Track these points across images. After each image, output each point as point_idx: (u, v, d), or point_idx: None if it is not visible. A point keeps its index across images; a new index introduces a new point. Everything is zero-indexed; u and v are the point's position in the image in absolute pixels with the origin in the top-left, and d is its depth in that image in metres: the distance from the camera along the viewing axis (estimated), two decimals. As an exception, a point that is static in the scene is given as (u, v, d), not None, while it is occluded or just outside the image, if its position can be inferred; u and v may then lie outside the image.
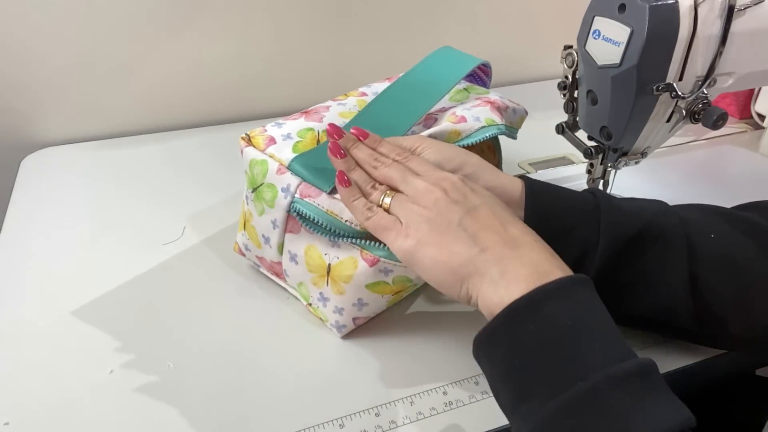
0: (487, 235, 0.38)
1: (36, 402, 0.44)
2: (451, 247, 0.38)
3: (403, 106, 0.53)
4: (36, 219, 0.65)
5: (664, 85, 0.48)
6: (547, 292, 0.34)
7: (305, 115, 0.53)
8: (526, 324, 0.34)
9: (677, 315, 0.44)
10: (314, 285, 0.49)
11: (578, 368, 0.32)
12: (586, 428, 0.30)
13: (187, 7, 0.78)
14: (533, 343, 0.33)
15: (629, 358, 0.32)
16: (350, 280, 0.46)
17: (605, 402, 0.30)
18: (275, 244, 0.50)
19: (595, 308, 0.35)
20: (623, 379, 0.31)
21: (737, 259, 0.43)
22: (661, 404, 0.31)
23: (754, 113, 0.84)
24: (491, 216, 0.39)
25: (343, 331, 0.50)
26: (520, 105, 0.58)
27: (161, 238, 0.62)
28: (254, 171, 0.49)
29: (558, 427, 0.31)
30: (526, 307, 0.34)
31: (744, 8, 0.48)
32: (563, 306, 0.34)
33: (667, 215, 0.44)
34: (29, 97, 0.78)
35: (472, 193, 0.40)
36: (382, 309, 0.51)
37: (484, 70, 0.62)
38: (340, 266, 0.47)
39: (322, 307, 0.50)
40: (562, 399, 0.31)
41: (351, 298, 0.47)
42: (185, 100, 0.85)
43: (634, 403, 0.30)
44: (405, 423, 0.43)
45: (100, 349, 0.49)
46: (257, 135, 0.50)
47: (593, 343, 0.33)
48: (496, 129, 0.53)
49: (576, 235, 0.43)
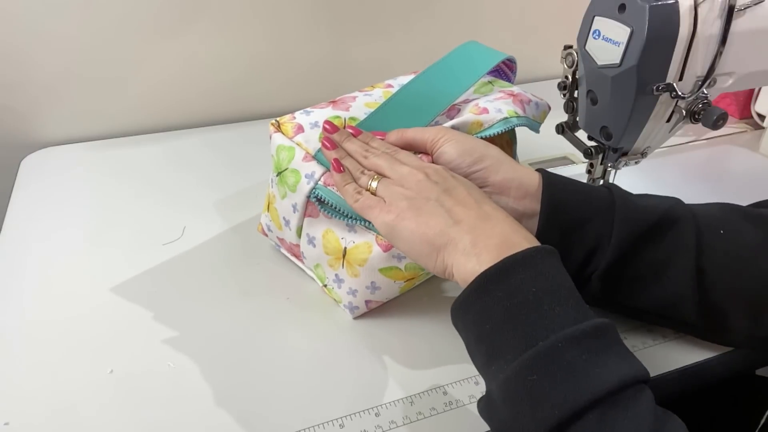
0: (461, 210, 0.41)
1: (36, 402, 0.44)
2: (427, 220, 0.41)
3: (427, 98, 0.54)
4: (36, 219, 0.65)
5: (664, 85, 0.48)
6: (514, 262, 0.37)
7: (333, 104, 0.54)
8: (495, 292, 0.36)
9: (683, 309, 0.45)
10: (330, 267, 0.51)
11: (539, 331, 0.34)
12: (545, 383, 0.33)
13: (186, 7, 0.78)
14: (501, 309, 0.36)
15: (587, 320, 0.35)
16: (365, 263, 0.48)
17: (562, 359, 0.33)
18: (294, 227, 0.52)
19: (557, 276, 0.37)
20: (579, 338, 0.34)
21: (745, 256, 0.44)
22: (615, 360, 0.34)
23: (754, 113, 0.84)
24: (467, 195, 0.42)
25: (355, 312, 0.52)
26: (543, 99, 0.58)
27: (161, 238, 0.62)
28: (280, 156, 0.51)
29: (520, 383, 0.34)
30: (495, 276, 0.37)
31: (744, 8, 0.48)
32: (528, 275, 0.36)
33: (680, 211, 0.45)
34: (29, 97, 0.78)
35: (452, 178, 0.44)
36: (395, 295, 0.53)
37: (509, 65, 0.63)
38: (355, 250, 0.49)
39: (337, 288, 0.52)
40: (524, 358, 0.34)
41: (365, 281, 0.49)
42: (185, 100, 0.85)
43: (589, 359, 0.33)
44: (405, 423, 0.43)
45: (100, 349, 0.49)
46: (286, 122, 0.52)
47: (554, 307, 0.35)
48: (518, 121, 0.53)
49: (590, 228, 0.45)
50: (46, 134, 0.81)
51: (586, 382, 0.32)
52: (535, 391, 0.33)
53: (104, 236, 0.63)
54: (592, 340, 0.34)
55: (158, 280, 0.57)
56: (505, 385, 0.35)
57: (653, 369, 0.47)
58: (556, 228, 0.44)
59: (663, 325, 0.49)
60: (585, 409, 0.31)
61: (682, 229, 0.45)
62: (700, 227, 0.45)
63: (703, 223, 0.45)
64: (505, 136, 0.60)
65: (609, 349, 0.34)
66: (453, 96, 0.54)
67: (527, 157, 0.76)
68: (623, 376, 0.33)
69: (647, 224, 0.44)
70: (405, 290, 0.53)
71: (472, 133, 0.51)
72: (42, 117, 0.80)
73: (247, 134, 0.84)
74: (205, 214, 0.66)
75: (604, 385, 0.32)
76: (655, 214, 0.45)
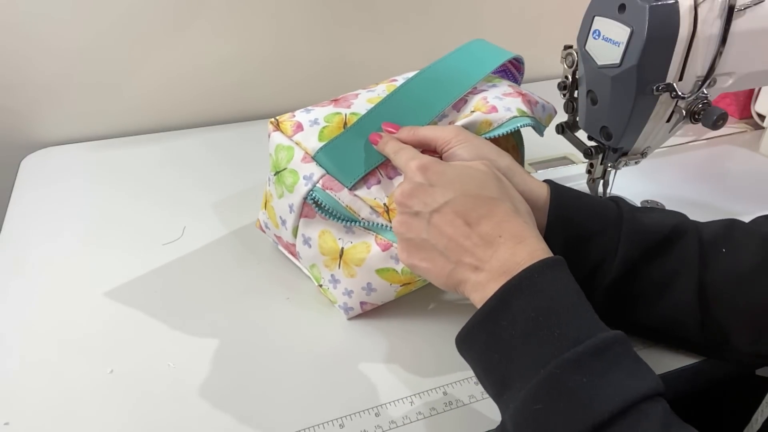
0: (454, 248, 0.39)
1: (36, 402, 0.44)
2: (433, 262, 0.41)
3: (433, 92, 0.53)
4: (36, 219, 0.65)
5: (664, 85, 0.48)
6: (512, 288, 0.36)
7: (334, 102, 0.54)
8: (500, 321, 0.36)
9: (685, 326, 0.45)
10: (326, 267, 0.51)
11: (541, 357, 0.34)
12: (550, 411, 0.33)
13: (186, 7, 0.78)
14: (506, 338, 0.36)
15: (589, 338, 0.34)
16: (362, 263, 0.48)
17: (563, 385, 0.33)
18: (290, 227, 0.51)
19: (558, 293, 0.36)
20: (578, 361, 0.33)
21: (746, 274, 0.44)
22: (620, 377, 0.33)
23: (754, 113, 0.83)
24: (454, 219, 0.39)
25: (350, 313, 0.52)
26: (549, 103, 0.57)
27: (161, 238, 0.62)
28: (279, 155, 0.51)
29: (527, 413, 0.34)
30: (497, 306, 0.37)
31: (744, 8, 0.48)
32: (526, 299, 0.36)
33: (685, 229, 0.45)
34: (29, 97, 0.78)
35: (432, 191, 0.41)
36: (390, 299, 0.52)
37: (516, 66, 0.61)
38: (353, 250, 0.49)
39: (333, 288, 0.51)
40: (528, 387, 0.34)
41: (361, 282, 0.49)
42: (185, 100, 0.85)
43: (590, 381, 0.32)
44: (405, 423, 0.43)
45: (100, 349, 0.49)
46: (285, 120, 0.52)
47: (554, 331, 0.35)
48: (527, 120, 0.51)
49: (595, 243, 0.44)
50: (46, 134, 0.81)
51: (589, 407, 0.31)
52: (540, 420, 0.33)
53: (104, 236, 0.63)
54: (594, 360, 0.33)
55: (158, 280, 0.57)
56: (515, 416, 0.34)
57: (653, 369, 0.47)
58: (561, 243, 0.44)
59: (664, 342, 0.48)
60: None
61: (686, 247, 0.44)
62: (704, 245, 0.45)
63: (707, 241, 0.45)
64: (511, 140, 0.59)
65: (614, 367, 0.33)
66: (460, 91, 0.53)
67: (527, 157, 0.76)
68: (627, 396, 0.32)
69: (653, 242, 0.44)
70: (401, 295, 0.53)
71: (480, 133, 0.50)
72: (42, 117, 0.80)
73: (247, 134, 0.84)
74: (205, 214, 0.66)
75: (607, 407, 0.31)
76: (661, 233, 0.44)
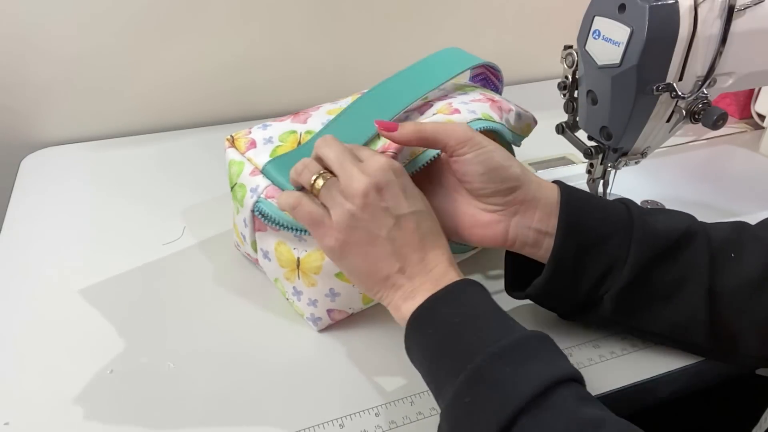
0: (407, 252, 0.41)
1: (36, 402, 0.44)
2: (376, 261, 0.41)
3: (396, 94, 0.52)
4: (36, 219, 0.65)
5: (664, 85, 0.48)
6: (438, 299, 0.39)
7: (294, 116, 0.53)
8: (426, 329, 0.39)
9: (694, 331, 0.45)
10: (287, 280, 0.50)
11: (468, 355, 0.36)
12: (478, 402, 0.34)
13: (185, 7, 0.78)
14: (434, 343, 0.38)
15: (512, 335, 0.37)
16: (320, 270, 0.47)
17: (490, 376, 0.35)
18: (249, 242, 0.51)
19: (480, 303, 0.39)
20: (501, 353, 0.35)
21: (756, 279, 0.43)
22: (540, 365, 0.35)
23: (754, 113, 0.83)
24: (414, 229, 0.41)
25: (319, 324, 0.50)
26: (528, 112, 0.57)
27: (161, 237, 0.62)
28: (231, 171, 0.51)
29: (458, 407, 0.35)
30: (423, 315, 0.39)
31: (744, 8, 0.48)
32: (451, 308, 0.39)
33: (695, 232, 0.45)
34: (29, 97, 0.78)
35: (403, 197, 0.41)
36: (358, 304, 0.50)
37: (495, 74, 0.61)
38: (308, 258, 0.47)
39: (297, 301, 0.50)
40: (457, 383, 0.35)
41: (323, 289, 0.48)
42: (185, 100, 0.85)
43: (513, 370, 0.34)
44: (405, 423, 0.43)
45: (100, 349, 0.49)
46: (241, 137, 0.52)
47: (477, 331, 0.37)
48: (490, 124, 0.50)
49: (606, 248, 0.44)
50: (46, 134, 0.81)
51: (514, 392, 0.33)
52: (471, 411, 0.34)
53: (104, 236, 0.63)
54: (516, 352, 0.35)
55: (158, 279, 0.57)
56: (446, 413, 0.36)
57: (654, 369, 0.47)
58: (573, 248, 0.43)
59: (673, 347, 0.48)
60: (516, 416, 0.32)
61: (695, 252, 0.44)
62: (714, 250, 0.44)
63: (716, 246, 0.44)
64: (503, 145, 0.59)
65: (534, 358, 0.36)
66: (420, 93, 0.52)
67: (527, 157, 0.76)
68: (546, 379, 0.34)
69: (663, 248, 0.44)
70: (370, 302, 0.51)
71: None
72: (42, 117, 0.80)
73: (247, 134, 0.84)
74: (205, 213, 0.66)
75: (529, 390, 0.33)
76: (671, 238, 0.44)
